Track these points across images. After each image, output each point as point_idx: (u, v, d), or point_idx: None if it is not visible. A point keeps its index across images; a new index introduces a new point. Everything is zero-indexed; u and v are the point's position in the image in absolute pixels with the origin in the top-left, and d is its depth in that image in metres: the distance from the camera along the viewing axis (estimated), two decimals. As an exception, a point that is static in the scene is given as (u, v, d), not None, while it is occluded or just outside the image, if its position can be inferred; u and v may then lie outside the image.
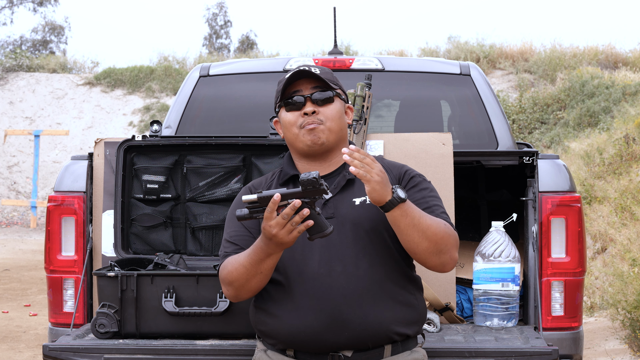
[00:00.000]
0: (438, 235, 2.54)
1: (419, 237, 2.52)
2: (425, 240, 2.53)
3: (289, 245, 2.49)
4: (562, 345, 3.43)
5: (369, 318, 2.59)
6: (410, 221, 2.50)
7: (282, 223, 2.42)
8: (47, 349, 3.09)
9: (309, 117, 2.69)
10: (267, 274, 2.58)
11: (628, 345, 5.95)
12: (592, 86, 15.98)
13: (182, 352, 3.07)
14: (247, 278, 2.58)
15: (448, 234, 2.57)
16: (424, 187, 2.72)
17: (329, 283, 2.59)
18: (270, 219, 2.43)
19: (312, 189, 2.40)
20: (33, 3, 29.77)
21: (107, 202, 3.60)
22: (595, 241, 8.88)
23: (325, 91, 2.72)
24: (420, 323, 2.71)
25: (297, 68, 2.74)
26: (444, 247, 2.56)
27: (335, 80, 2.77)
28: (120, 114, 20.40)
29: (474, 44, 20.04)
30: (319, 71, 2.74)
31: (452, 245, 2.59)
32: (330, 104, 2.72)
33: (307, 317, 2.59)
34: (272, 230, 2.43)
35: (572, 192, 3.49)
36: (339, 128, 2.73)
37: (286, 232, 2.43)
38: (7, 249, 13.34)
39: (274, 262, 2.56)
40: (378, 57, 4.49)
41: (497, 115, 4.30)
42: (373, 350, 2.63)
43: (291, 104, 2.72)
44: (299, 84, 2.72)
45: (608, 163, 10.61)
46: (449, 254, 2.58)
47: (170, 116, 4.43)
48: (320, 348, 2.61)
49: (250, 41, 32.11)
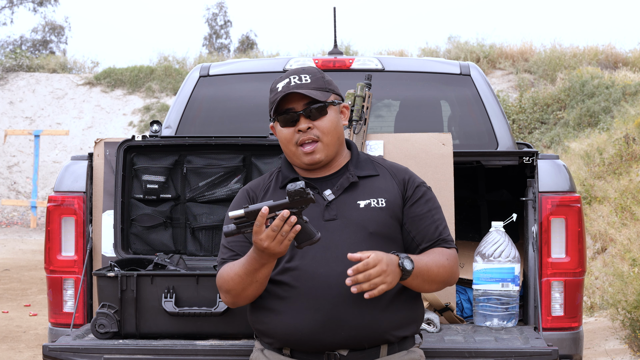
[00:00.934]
0: (444, 276, 2.68)
1: (429, 287, 2.67)
2: (433, 285, 2.68)
3: (282, 255, 2.51)
4: (562, 345, 3.43)
5: (365, 319, 2.59)
6: (420, 282, 2.62)
7: (272, 235, 2.43)
8: (47, 349, 3.09)
9: (304, 133, 2.68)
10: (262, 282, 2.59)
11: (628, 345, 5.95)
12: (592, 86, 15.97)
13: (182, 353, 3.07)
14: (243, 287, 2.59)
15: (452, 268, 2.70)
16: (428, 198, 2.75)
17: (328, 283, 2.59)
18: (260, 232, 2.43)
19: (299, 199, 2.41)
20: (33, 3, 29.78)
21: (107, 202, 3.60)
22: (595, 241, 8.88)
23: (318, 104, 2.69)
24: (418, 324, 2.72)
25: (287, 78, 2.69)
26: (449, 281, 2.72)
27: (326, 86, 2.72)
28: (120, 114, 20.40)
29: (474, 44, 20.04)
30: (310, 78, 2.69)
31: (455, 274, 2.73)
32: (324, 116, 2.69)
33: (303, 316, 2.60)
34: (264, 243, 2.44)
35: (572, 192, 3.49)
36: (335, 139, 2.72)
37: (277, 243, 2.44)
38: (7, 249, 13.34)
39: (268, 271, 2.57)
40: (378, 57, 4.49)
41: (497, 116, 4.30)
42: (369, 350, 2.63)
43: (285, 120, 2.70)
44: (291, 98, 2.68)
45: (608, 163, 10.61)
46: (453, 281, 2.74)
47: (170, 116, 4.43)
48: (316, 347, 2.62)
49: (250, 41, 32.11)
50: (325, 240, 2.60)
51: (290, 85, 2.67)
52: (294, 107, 2.68)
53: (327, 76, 2.77)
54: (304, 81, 2.69)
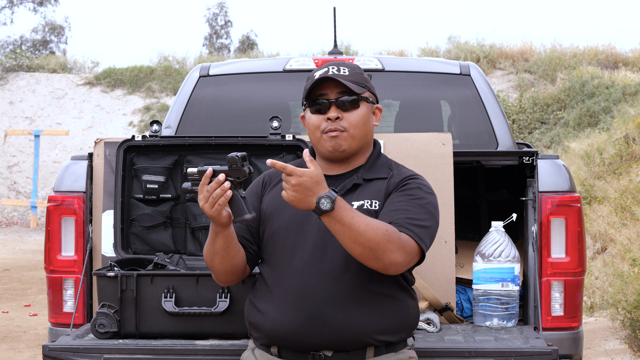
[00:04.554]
0: (372, 241, 2.45)
1: (350, 243, 2.46)
2: (358, 246, 2.45)
3: (219, 221, 2.53)
4: (562, 345, 3.43)
5: (349, 322, 2.58)
6: (339, 227, 2.44)
7: (207, 196, 2.51)
8: (47, 349, 3.09)
9: (332, 122, 2.67)
10: (223, 255, 2.62)
11: (628, 345, 5.95)
12: (592, 86, 15.98)
13: (182, 352, 3.08)
14: (210, 258, 2.65)
15: (387, 239, 2.47)
16: (409, 194, 2.63)
17: (314, 283, 2.59)
18: (201, 192, 2.53)
19: (235, 167, 2.51)
20: (33, 3, 29.78)
21: (107, 202, 3.60)
22: (595, 241, 8.88)
23: (352, 95, 2.68)
24: (408, 330, 2.68)
25: (326, 67, 2.70)
26: (380, 253, 2.46)
27: (364, 82, 2.72)
28: (120, 114, 20.40)
29: (474, 44, 20.04)
30: (348, 71, 2.70)
31: (391, 250, 2.47)
32: (355, 109, 2.69)
33: (289, 313, 2.60)
34: (200, 202, 2.54)
35: (572, 192, 3.49)
36: (362, 134, 2.70)
37: (210, 206, 2.51)
38: (7, 249, 13.34)
39: (223, 242, 2.59)
40: (378, 57, 4.49)
41: (497, 115, 4.30)
42: (354, 352, 2.62)
43: (316, 106, 2.69)
44: (325, 86, 2.69)
45: (608, 163, 10.61)
46: (388, 258, 2.48)
47: (170, 116, 4.43)
48: (300, 346, 2.62)
49: (251, 41, 32.12)
50: (316, 240, 2.61)
51: (328, 73, 2.68)
52: (327, 94, 2.69)
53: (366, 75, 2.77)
54: (342, 72, 2.69)
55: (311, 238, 2.62)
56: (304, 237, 2.63)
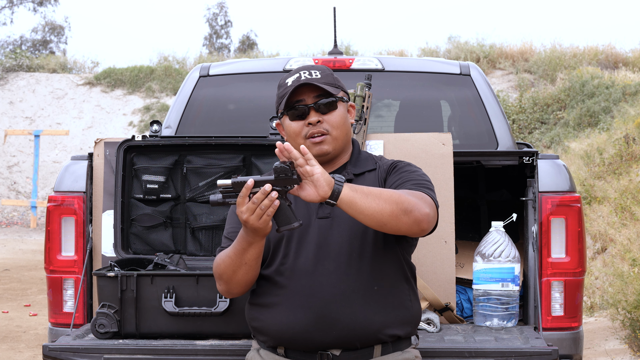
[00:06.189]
0: (394, 196, 2.46)
1: (377, 205, 2.44)
2: (386, 204, 2.44)
3: (264, 232, 2.47)
4: (562, 345, 3.43)
5: (358, 318, 2.59)
6: (360, 196, 2.43)
7: (252, 208, 2.42)
8: (47, 349, 3.09)
9: (313, 126, 2.68)
10: (252, 266, 2.58)
11: (628, 345, 5.95)
12: (592, 86, 15.97)
13: (182, 352, 3.08)
14: (234, 269, 2.58)
15: (407, 194, 2.49)
16: (403, 171, 2.68)
17: (320, 281, 2.59)
18: (242, 204, 2.43)
19: (284, 177, 2.41)
20: (33, 3, 29.78)
21: (107, 202, 3.60)
22: (595, 241, 8.88)
23: (329, 97, 2.69)
24: (413, 324, 2.70)
25: (297, 74, 2.70)
26: (407, 205, 2.46)
27: (336, 82, 2.74)
28: (120, 114, 20.40)
29: (474, 44, 20.04)
30: (320, 74, 2.71)
31: (414, 202, 2.48)
32: (334, 110, 2.70)
33: (296, 314, 2.60)
34: (243, 215, 2.43)
35: (572, 192, 3.49)
36: (344, 134, 2.72)
37: (256, 217, 2.43)
38: (7, 249, 13.34)
39: (256, 252, 2.55)
40: (378, 57, 4.49)
41: (497, 116, 4.30)
42: (362, 350, 2.63)
43: (295, 112, 2.70)
44: (301, 91, 2.69)
45: (608, 163, 10.61)
46: (417, 210, 2.48)
47: (170, 116, 4.43)
48: (308, 346, 2.62)
49: (251, 41, 32.13)
50: (318, 239, 2.61)
51: (301, 79, 2.68)
52: (304, 100, 2.69)
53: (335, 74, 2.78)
54: (314, 76, 2.70)
55: (313, 238, 2.62)
56: (306, 237, 2.63)
